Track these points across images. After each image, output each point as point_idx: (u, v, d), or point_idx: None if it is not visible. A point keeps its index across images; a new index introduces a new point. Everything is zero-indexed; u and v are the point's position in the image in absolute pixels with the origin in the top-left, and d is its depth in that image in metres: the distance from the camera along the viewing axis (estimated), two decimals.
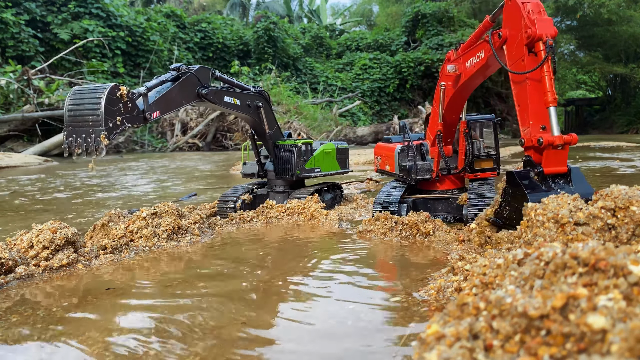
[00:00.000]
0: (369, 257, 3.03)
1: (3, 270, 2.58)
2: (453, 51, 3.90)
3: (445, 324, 1.07)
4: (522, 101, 2.85)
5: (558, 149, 2.47)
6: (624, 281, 0.95)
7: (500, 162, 4.28)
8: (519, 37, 2.86)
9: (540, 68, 2.64)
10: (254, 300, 2.27)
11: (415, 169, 4.18)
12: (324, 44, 37.80)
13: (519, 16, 2.87)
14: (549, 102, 2.54)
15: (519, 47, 2.86)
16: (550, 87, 2.58)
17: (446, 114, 4.04)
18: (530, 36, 2.71)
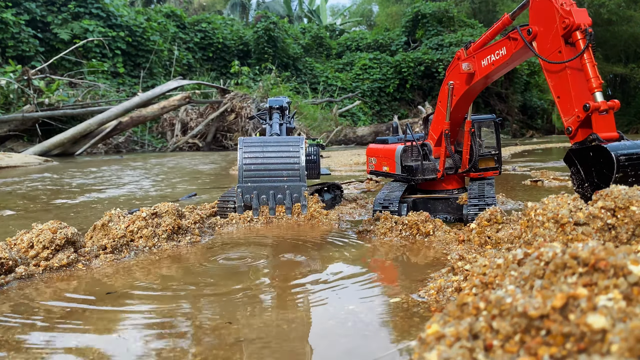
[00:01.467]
0: (368, 257, 3.03)
1: (3, 270, 2.58)
2: (463, 50, 3.89)
3: (445, 324, 1.07)
4: (564, 91, 2.85)
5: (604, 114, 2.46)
6: (624, 281, 0.96)
7: (501, 161, 4.29)
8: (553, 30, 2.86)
9: (581, 56, 2.64)
10: (254, 301, 2.27)
11: (422, 169, 4.18)
12: (324, 44, 37.80)
13: (551, 10, 2.89)
14: (594, 87, 2.57)
15: (555, 39, 2.87)
16: (594, 73, 2.60)
17: (453, 113, 4.03)
18: (568, 26, 2.74)
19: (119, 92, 23.46)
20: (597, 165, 2.60)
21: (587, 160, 2.68)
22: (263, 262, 2.95)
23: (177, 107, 20.61)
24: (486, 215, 3.10)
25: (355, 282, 2.50)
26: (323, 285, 2.48)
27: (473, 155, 4.09)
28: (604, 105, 2.44)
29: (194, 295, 2.36)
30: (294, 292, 2.38)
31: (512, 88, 37.20)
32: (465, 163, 4.14)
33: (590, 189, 2.72)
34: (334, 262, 2.90)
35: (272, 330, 1.90)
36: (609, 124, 2.48)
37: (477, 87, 3.86)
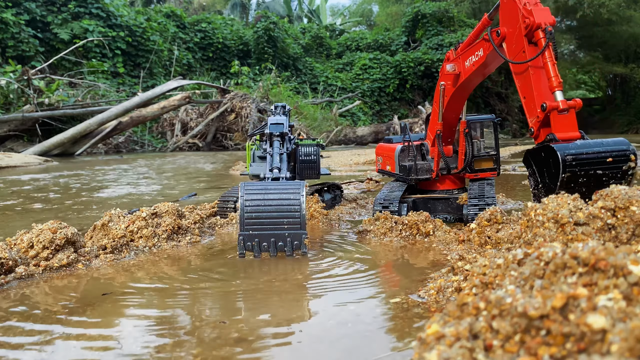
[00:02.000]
0: (368, 257, 3.03)
1: (3, 270, 2.58)
2: (452, 50, 3.90)
3: (445, 324, 1.07)
4: (527, 91, 2.81)
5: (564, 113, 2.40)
6: (624, 281, 0.95)
7: (500, 162, 4.28)
8: (517, 30, 2.84)
9: (542, 55, 2.61)
10: (254, 301, 2.27)
11: (415, 168, 4.20)
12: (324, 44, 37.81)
13: (515, 10, 2.86)
14: (554, 86, 2.50)
15: (519, 39, 2.84)
16: (554, 72, 2.55)
17: (446, 113, 4.04)
18: (529, 25, 2.69)
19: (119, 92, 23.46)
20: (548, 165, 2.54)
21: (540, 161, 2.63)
22: (263, 263, 2.95)
23: (177, 107, 20.61)
24: (486, 215, 3.10)
25: (355, 282, 2.50)
26: (323, 285, 2.48)
27: (467, 156, 4.09)
28: (564, 104, 2.39)
29: (194, 295, 2.36)
30: (293, 292, 2.38)
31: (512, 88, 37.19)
32: (460, 164, 4.14)
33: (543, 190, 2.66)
34: (334, 262, 2.90)
35: (272, 330, 1.90)
36: (568, 124, 2.40)
37: (465, 88, 3.84)
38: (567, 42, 46.50)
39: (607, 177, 2.23)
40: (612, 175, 2.21)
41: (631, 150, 2.21)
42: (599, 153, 2.26)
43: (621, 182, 2.21)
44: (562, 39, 45.84)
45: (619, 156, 2.21)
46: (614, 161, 2.22)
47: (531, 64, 2.73)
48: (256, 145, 4.86)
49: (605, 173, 2.23)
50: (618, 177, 2.21)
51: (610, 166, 2.22)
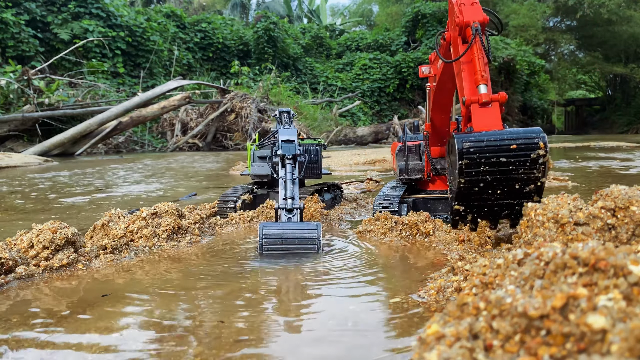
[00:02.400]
0: (368, 257, 3.03)
1: (3, 270, 2.58)
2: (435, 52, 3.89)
3: (445, 324, 1.07)
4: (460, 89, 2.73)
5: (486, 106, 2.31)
6: (624, 281, 0.95)
7: None
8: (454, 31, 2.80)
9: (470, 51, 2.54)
10: (253, 301, 2.27)
11: (407, 168, 4.22)
12: (324, 44, 37.82)
13: (452, 11, 2.84)
14: (478, 80, 2.43)
15: (455, 40, 2.81)
16: (479, 67, 2.47)
17: (433, 115, 4.02)
18: (459, 24, 2.65)
19: (119, 92, 23.46)
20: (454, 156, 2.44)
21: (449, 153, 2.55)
22: (263, 263, 2.95)
23: (177, 107, 20.61)
24: None
25: (355, 282, 2.50)
26: (322, 285, 2.47)
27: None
28: (485, 97, 2.30)
29: (194, 295, 2.36)
30: (293, 292, 2.38)
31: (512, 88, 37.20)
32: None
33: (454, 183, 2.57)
34: (334, 262, 2.90)
35: (271, 330, 1.90)
36: (489, 117, 2.29)
37: (442, 90, 3.76)
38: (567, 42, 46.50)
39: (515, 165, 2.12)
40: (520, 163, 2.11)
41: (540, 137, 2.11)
42: (503, 140, 2.15)
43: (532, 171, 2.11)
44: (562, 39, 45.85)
45: (525, 144, 2.11)
46: (520, 149, 2.11)
47: (463, 60, 2.66)
48: (256, 145, 4.86)
49: (511, 161, 2.12)
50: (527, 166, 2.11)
51: (516, 154, 2.12)
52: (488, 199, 2.23)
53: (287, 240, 3.06)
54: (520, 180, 2.15)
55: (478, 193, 2.23)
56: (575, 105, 52.44)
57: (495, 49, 32.86)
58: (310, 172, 4.84)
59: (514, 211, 2.27)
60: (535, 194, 2.19)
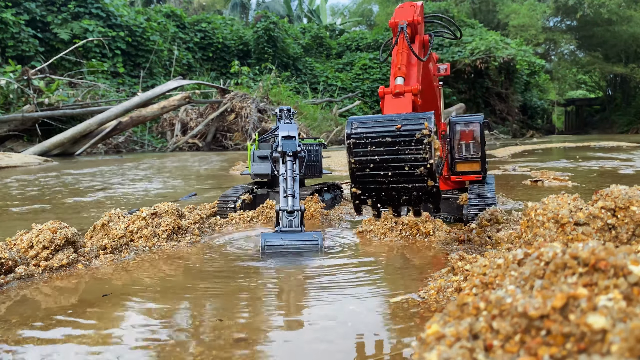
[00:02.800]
0: (368, 257, 3.03)
1: (3, 270, 2.58)
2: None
3: (445, 324, 1.07)
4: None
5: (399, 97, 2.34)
6: (624, 281, 0.95)
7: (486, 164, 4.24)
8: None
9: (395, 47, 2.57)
10: (253, 301, 2.27)
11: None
12: (324, 44, 37.82)
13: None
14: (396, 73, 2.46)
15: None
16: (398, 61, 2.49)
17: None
18: (390, 25, 2.70)
19: (118, 92, 23.47)
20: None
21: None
22: (263, 263, 2.95)
23: (177, 107, 20.61)
24: (486, 215, 3.10)
25: (354, 282, 2.50)
26: (322, 285, 2.47)
27: (446, 159, 4.07)
28: (398, 88, 2.33)
29: (194, 295, 2.36)
30: (293, 292, 2.38)
31: (512, 88, 37.22)
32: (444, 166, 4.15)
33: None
34: (334, 263, 2.90)
35: (271, 330, 1.90)
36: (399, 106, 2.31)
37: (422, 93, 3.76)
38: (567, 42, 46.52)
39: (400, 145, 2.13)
40: (405, 143, 2.12)
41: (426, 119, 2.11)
42: (390, 122, 2.17)
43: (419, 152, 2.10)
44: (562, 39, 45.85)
45: (410, 124, 2.13)
46: (405, 129, 2.13)
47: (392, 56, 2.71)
48: (256, 145, 4.86)
49: (396, 141, 2.14)
50: (413, 146, 2.11)
51: (401, 134, 2.13)
52: (382, 182, 2.22)
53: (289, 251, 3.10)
54: (408, 160, 2.15)
55: (371, 175, 2.23)
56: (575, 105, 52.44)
57: (495, 48, 32.86)
58: (310, 172, 4.84)
59: (412, 197, 2.23)
60: (428, 178, 2.15)
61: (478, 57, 32.56)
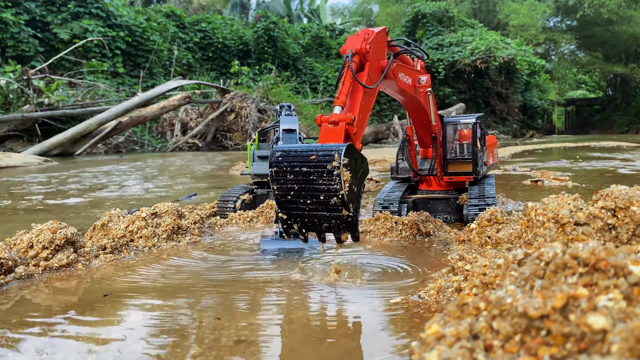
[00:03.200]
0: (368, 257, 3.03)
1: (3, 270, 2.58)
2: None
3: (445, 324, 1.07)
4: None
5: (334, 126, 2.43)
6: (624, 281, 0.95)
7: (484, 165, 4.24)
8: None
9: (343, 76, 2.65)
10: (253, 302, 2.27)
11: (397, 168, 4.34)
12: (324, 43, 37.81)
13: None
14: (335, 102, 2.55)
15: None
16: (341, 90, 2.58)
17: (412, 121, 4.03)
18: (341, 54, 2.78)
19: (118, 92, 23.47)
20: None
21: None
22: (263, 263, 2.95)
23: (177, 107, 20.61)
24: (486, 215, 3.10)
25: (355, 283, 2.50)
26: (322, 285, 2.47)
27: (436, 159, 4.11)
28: (333, 117, 2.44)
29: (194, 295, 2.36)
30: (293, 292, 2.38)
31: (512, 88, 37.21)
32: (438, 167, 4.17)
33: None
34: (334, 263, 2.90)
35: (272, 330, 1.90)
36: (331, 135, 2.44)
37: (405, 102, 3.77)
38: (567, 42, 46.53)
39: (315, 175, 2.22)
40: (319, 174, 2.21)
41: (338, 151, 2.20)
42: (307, 152, 2.27)
43: (330, 182, 2.19)
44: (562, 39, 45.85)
45: (324, 155, 2.22)
46: (318, 159, 2.22)
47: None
48: (256, 145, 4.85)
49: (311, 171, 2.23)
50: (325, 177, 2.20)
51: (315, 165, 2.22)
52: (304, 209, 2.32)
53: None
54: (322, 191, 2.24)
55: (292, 202, 2.32)
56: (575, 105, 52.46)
57: (495, 48, 32.87)
58: None
59: (332, 225, 2.32)
60: (342, 208, 2.23)
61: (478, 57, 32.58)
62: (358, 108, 2.58)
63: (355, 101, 2.61)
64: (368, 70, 2.70)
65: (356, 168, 2.33)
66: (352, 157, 2.28)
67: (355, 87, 2.63)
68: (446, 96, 33.88)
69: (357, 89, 2.63)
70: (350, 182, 2.24)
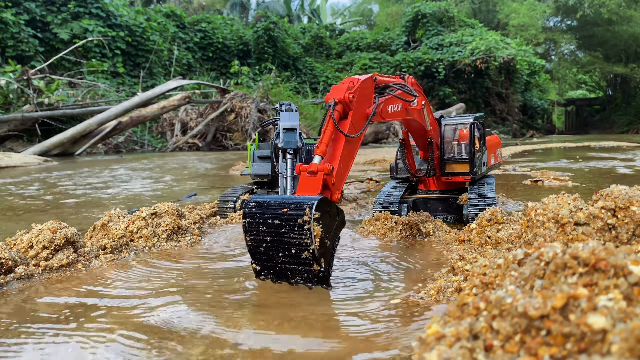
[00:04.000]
0: (368, 257, 3.03)
1: (3, 270, 2.58)
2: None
3: (445, 324, 1.07)
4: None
5: (312, 175, 2.46)
6: (624, 281, 0.95)
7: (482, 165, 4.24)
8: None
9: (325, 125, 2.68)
10: (253, 302, 2.27)
11: (397, 168, 4.38)
12: (324, 43, 37.80)
13: None
14: (316, 151, 2.57)
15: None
16: (322, 139, 2.61)
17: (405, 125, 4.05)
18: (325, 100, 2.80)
19: (118, 92, 23.46)
20: None
21: None
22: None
23: (177, 107, 20.60)
24: (486, 215, 3.10)
25: (355, 283, 2.50)
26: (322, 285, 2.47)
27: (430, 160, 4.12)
28: (312, 167, 2.46)
29: (194, 295, 2.36)
30: (293, 293, 2.38)
31: (512, 88, 37.21)
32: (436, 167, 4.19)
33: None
34: (334, 263, 2.90)
35: (271, 331, 1.90)
36: (309, 185, 2.45)
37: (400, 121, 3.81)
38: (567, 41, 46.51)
39: (286, 228, 2.24)
40: (290, 227, 2.23)
41: (309, 205, 2.21)
42: (280, 204, 2.29)
43: (301, 236, 2.20)
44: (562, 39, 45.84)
45: (295, 209, 2.23)
46: (290, 213, 2.24)
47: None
48: (256, 145, 4.85)
49: (282, 224, 2.25)
50: (296, 231, 2.22)
51: (287, 218, 2.24)
52: (276, 260, 2.31)
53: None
54: (293, 244, 2.23)
55: (265, 254, 2.32)
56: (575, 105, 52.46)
57: (495, 48, 32.88)
58: None
59: (304, 278, 2.30)
60: (314, 262, 2.21)
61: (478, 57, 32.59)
62: (339, 157, 2.60)
63: (336, 150, 2.63)
64: (351, 118, 2.72)
65: (329, 221, 2.33)
66: (325, 211, 2.27)
67: (337, 135, 2.65)
68: (446, 96, 33.87)
69: (339, 138, 2.66)
70: (322, 236, 2.23)
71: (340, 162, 2.60)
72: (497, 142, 5.06)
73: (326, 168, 2.43)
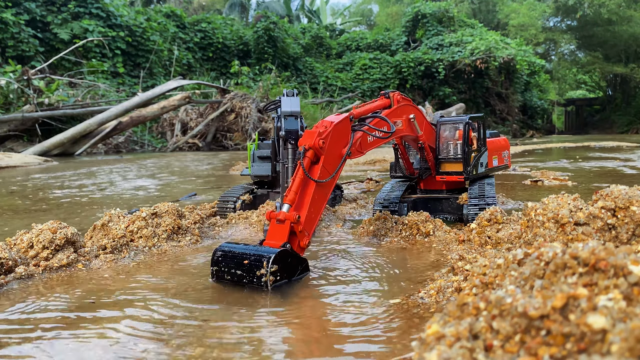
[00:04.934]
0: (368, 257, 3.03)
1: (3, 270, 2.58)
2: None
3: (445, 324, 1.07)
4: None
5: (280, 223, 2.55)
6: (624, 281, 0.95)
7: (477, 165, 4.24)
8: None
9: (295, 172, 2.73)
10: (252, 302, 2.27)
11: (396, 167, 4.40)
12: (324, 44, 37.79)
13: None
14: (284, 199, 2.63)
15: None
16: (292, 187, 2.66)
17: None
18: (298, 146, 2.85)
19: (118, 92, 23.46)
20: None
21: None
22: None
23: (177, 107, 20.60)
24: (486, 215, 3.10)
25: (355, 283, 2.50)
26: (323, 286, 2.47)
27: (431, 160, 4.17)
28: (280, 215, 2.54)
29: (194, 296, 2.36)
30: (292, 293, 2.38)
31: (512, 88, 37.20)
32: (432, 167, 4.22)
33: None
34: (334, 263, 2.90)
35: (271, 331, 1.90)
36: (277, 233, 2.54)
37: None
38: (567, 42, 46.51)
39: (247, 279, 2.39)
40: (251, 278, 2.38)
41: (267, 258, 2.35)
42: (243, 255, 2.43)
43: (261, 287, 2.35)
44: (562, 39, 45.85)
45: (256, 260, 2.38)
46: (250, 265, 2.38)
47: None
48: (256, 145, 4.85)
49: (244, 275, 2.40)
50: (255, 282, 2.36)
51: (248, 269, 2.39)
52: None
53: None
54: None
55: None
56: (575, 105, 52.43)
57: (495, 48, 32.87)
58: None
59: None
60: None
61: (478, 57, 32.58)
62: (307, 204, 2.66)
63: (305, 197, 2.69)
64: (323, 162, 2.75)
65: (290, 272, 2.49)
66: (285, 262, 2.43)
67: (307, 181, 2.71)
68: (446, 96, 33.87)
69: (309, 184, 2.71)
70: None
71: (311, 206, 2.68)
72: (504, 145, 5.06)
73: (293, 217, 2.53)
